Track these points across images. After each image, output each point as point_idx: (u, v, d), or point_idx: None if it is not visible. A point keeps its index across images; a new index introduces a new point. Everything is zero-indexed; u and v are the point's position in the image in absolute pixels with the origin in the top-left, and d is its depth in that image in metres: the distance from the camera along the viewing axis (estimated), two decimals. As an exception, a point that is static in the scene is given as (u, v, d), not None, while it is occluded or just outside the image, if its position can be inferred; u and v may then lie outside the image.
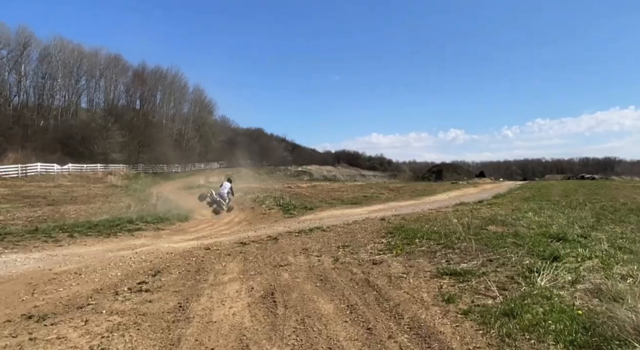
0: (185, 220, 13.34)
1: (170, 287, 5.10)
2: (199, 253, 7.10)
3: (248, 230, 10.59)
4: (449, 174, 60.74)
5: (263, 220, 13.30)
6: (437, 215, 12.21)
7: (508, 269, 5.54)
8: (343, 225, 10.35)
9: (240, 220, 13.87)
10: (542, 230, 8.23)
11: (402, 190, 28.36)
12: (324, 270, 5.93)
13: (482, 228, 8.94)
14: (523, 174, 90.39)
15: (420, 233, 8.60)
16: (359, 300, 4.52)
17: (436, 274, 5.51)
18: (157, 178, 45.12)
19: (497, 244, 7.05)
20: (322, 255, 6.94)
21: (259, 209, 15.92)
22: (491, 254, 6.45)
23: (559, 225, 9.08)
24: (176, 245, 8.12)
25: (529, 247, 6.72)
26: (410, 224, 10.26)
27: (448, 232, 8.58)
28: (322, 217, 12.97)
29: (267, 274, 5.75)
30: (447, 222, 10.42)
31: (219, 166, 65.84)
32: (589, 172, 68.98)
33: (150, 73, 64.62)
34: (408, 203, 18.33)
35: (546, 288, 4.49)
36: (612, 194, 21.43)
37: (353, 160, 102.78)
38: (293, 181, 49.51)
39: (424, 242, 7.74)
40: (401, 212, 13.94)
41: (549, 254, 6.00)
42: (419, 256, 6.71)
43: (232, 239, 8.86)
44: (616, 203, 16.19)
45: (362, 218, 12.22)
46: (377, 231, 9.23)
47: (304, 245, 7.71)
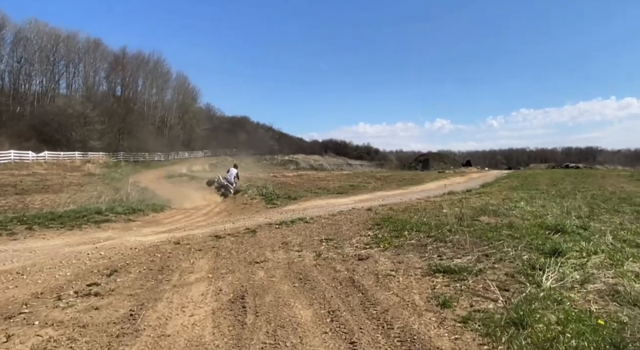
0: (161, 210, 12.57)
1: (125, 289, 4.42)
2: (166, 248, 6.40)
3: (226, 221, 9.91)
4: (435, 163, 60.69)
5: (244, 210, 12.62)
6: (426, 205, 11.70)
7: (507, 266, 5.01)
8: (327, 216, 9.75)
9: (220, 210, 13.17)
10: (538, 221, 7.76)
11: (389, 179, 27.90)
12: (304, 268, 5.32)
13: (474, 219, 8.43)
14: (508, 163, 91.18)
15: (409, 224, 8.05)
16: (342, 304, 3.92)
17: (428, 272, 4.95)
18: (138, 166, 43.84)
19: (492, 237, 6.53)
20: (303, 249, 6.33)
21: (241, 198, 15.21)
22: (486, 248, 5.92)
23: (553, 215, 8.64)
24: (144, 239, 7.40)
25: (526, 240, 6.22)
26: (398, 215, 9.72)
27: (439, 223, 8.06)
28: (306, 208, 12.35)
29: (240, 272, 5.11)
30: (437, 213, 9.92)
31: (203, 155, 64.49)
32: (571, 161, 69.76)
33: (131, 58, 62.53)
34: (395, 192, 17.84)
35: (554, 289, 3.96)
36: (599, 183, 21.32)
37: (340, 150, 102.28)
38: (279, 170, 48.73)
39: (414, 235, 7.19)
40: (388, 201, 13.41)
41: (550, 248, 5.50)
42: (408, 250, 6.15)
43: (207, 231, 8.18)
44: (605, 192, 15.97)
45: (347, 208, 11.64)
46: (364, 222, 8.66)
47: (284, 239, 7.08)
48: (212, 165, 50.04)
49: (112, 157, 44.91)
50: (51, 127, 40.89)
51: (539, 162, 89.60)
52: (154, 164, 48.64)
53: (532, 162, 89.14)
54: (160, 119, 64.41)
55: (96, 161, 38.96)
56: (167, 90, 68.45)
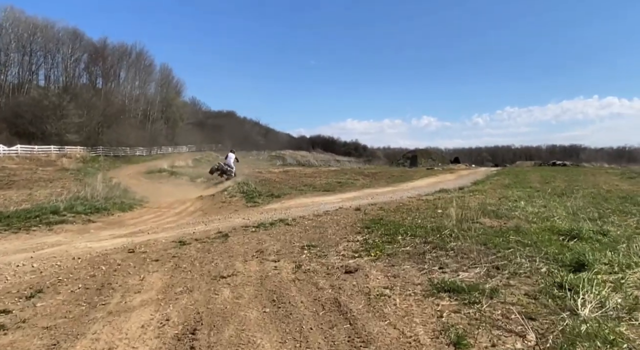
0: (130, 209, 11.45)
1: (43, 319, 3.40)
2: (116, 258, 5.37)
3: (198, 222, 8.88)
4: (423, 160, 60.27)
5: (221, 209, 11.58)
6: (418, 205, 10.84)
7: (524, 282, 4.14)
8: (312, 217, 8.79)
9: (195, 209, 12.11)
10: (546, 224, 6.93)
11: (377, 176, 27.05)
12: (280, 284, 4.36)
13: (474, 221, 7.58)
14: (493, 160, 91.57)
15: (403, 227, 7.15)
16: (323, 342, 2.98)
17: (430, 290, 4.05)
18: (118, 161, 42.23)
19: (499, 243, 5.67)
20: (281, 259, 5.36)
21: (220, 196, 14.15)
22: (495, 257, 5.05)
23: (560, 217, 7.84)
24: (96, 245, 6.34)
25: (538, 247, 5.38)
26: (389, 216, 8.83)
27: (436, 226, 7.18)
28: (289, 207, 11.37)
29: (199, 291, 4.13)
30: (432, 213, 9.06)
31: (187, 150, 62.79)
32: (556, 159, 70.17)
33: (112, 49, 60.32)
34: (385, 190, 16.97)
35: (596, 320, 3.08)
36: (592, 181, 20.80)
37: (328, 146, 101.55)
38: (265, 166, 47.51)
39: (409, 240, 6.29)
40: (378, 200, 12.53)
41: (572, 260, 4.65)
42: (403, 260, 5.25)
43: (172, 235, 7.15)
44: (600, 190, 15.36)
45: (334, 208, 10.71)
46: (352, 225, 7.73)
47: (260, 245, 6.10)
48: (196, 161, 48.65)
49: (90, 152, 43.11)
50: (25, 119, 38.92)
51: (524, 159, 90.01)
52: (135, 159, 46.96)
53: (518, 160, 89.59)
54: (143, 112, 62.39)
55: (73, 156, 37.23)
56: (150, 83, 66.35)
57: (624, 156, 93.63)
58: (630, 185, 17.79)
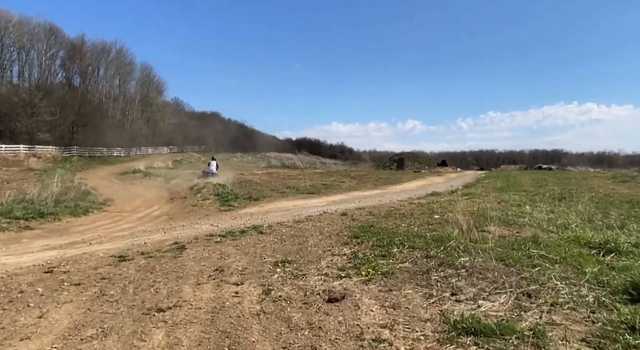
0: (85, 214, 10.04)
1: None
2: (23, 281, 4.04)
3: (157, 230, 7.57)
4: (410, 163, 59.55)
5: (190, 214, 10.26)
6: (412, 209, 9.73)
7: (573, 318, 3.02)
8: (291, 224, 7.58)
9: (160, 213, 10.75)
10: (567, 234, 5.85)
11: (364, 178, 25.97)
12: (238, 321, 3.13)
13: (481, 229, 6.46)
14: (478, 164, 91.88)
15: (398, 237, 6.00)
16: None
17: (446, 332, 2.88)
18: (93, 162, 40.27)
19: (519, 259, 4.55)
20: (245, 280, 4.13)
21: (192, 198, 12.81)
22: (520, 279, 3.93)
23: (576, 224, 6.80)
24: (11, 261, 5.00)
25: (571, 265, 4.28)
26: (381, 222, 7.67)
27: (437, 235, 6.05)
28: (267, 211, 10.14)
29: (119, 334, 2.87)
30: (428, 219, 7.95)
31: (168, 151, 60.81)
32: (538, 163, 70.53)
33: (90, 47, 58.04)
34: (373, 193, 15.87)
35: None
36: (585, 184, 20.11)
37: (314, 148, 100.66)
38: (248, 168, 46.01)
39: (407, 253, 5.14)
40: (366, 204, 11.39)
41: (623, 284, 3.55)
42: (403, 281, 4.08)
43: (117, 247, 5.83)
44: (598, 194, 14.55)
45: (318, 212, 9.52)
46: (337, 233, 6.54)
47: (222, 261, 4.85)
48: (176, 162, 46.97)
49: (64, 152, 40.96)
50: (-8, 117, 36.71)
51: (508, 163, 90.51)
52: (112, 160, 44.96)
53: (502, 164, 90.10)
54: (122, 112, 60.05)
55: (43, 155, 35.18)
56: (130, 82, 64.10)
57: (604, 161, 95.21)
58: (628, 189, 17.07)
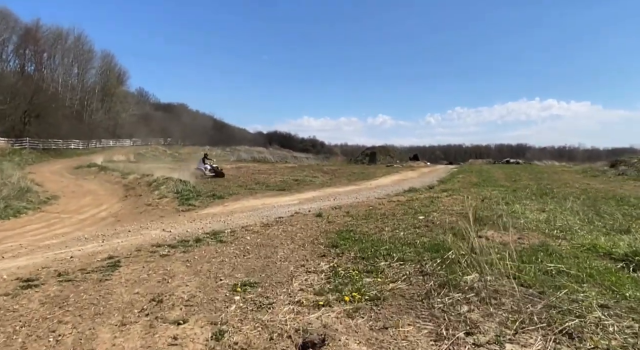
0: (15, 215, 8.58)
1: None
2: None
3: (96, 237, 6.32)
4: (382, 157, 59.33)
5: (142, 215, 8.98)
6: (392, 208, 8.86)
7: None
8: (259, 228, 6.52)
9: (108, 214, 9.40)
10: (578, 240, 5.10)
11: (337, 173, 25.08)
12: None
13: (476, 235, 5.63)
14: (447, 158, 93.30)
15: (384, 246, 5.07)
16: None
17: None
18: (47, 155, 37.44)
19: (537, 276, 3.73)
20: (190, 316, 3.06)
21: (148, 196, 11.46)
22: (548, 308, 3.06)
23: (578, 226, 6.11)
24: None
25: (600, 284, 3.48)
26: (361, 225, 6.73)
27: (428, 242, 5.17)
28: (232, 211, 9.01)
29: None
30: (413, 220, 7.08)
31: (131, 143, 57.75)
32: (503, 157, 72.23)
33: (46, 32, 54.16)
34: (348, 189, 14.97)
35: None
36: (558, 179, 20.03)
37: (285, 142, 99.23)
38: (217, 162, 44.17)
39: (397, 268, 4.22)
40: (342, 202, 10.45)
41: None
42: (399, 312, 3.15)
43: (31, 264, 4.59)
44: (575, 189, 14.31)
45: (289, 212, 8.50)
46: (313, 241, 5.54)
47: (163, 285, 3.74)
48: (139, 155, 44.61)
49: (14, 144, 37.83)
50: None
51: (474, 157, 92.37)
52: (69, 153, 42.05)
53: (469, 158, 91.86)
54: (80, 102, 56.48)
55: (-12, 148, 32.24)
56: (89, 70, 60.32)
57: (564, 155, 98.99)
58: (602, 184, 17.00)
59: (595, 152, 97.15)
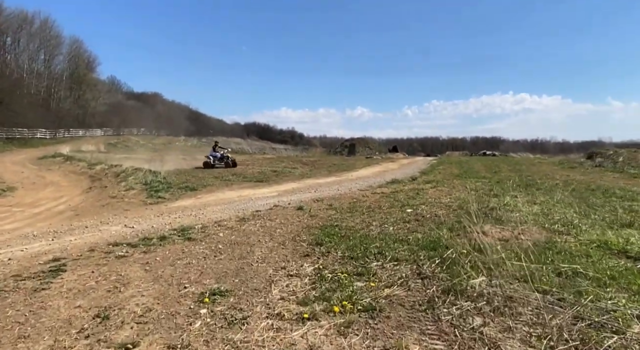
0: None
1: None
2: None
3: (46, 234, 5.54)
4: (361, 149, 59.14)
5: (105, 208, 8.16)
6: (377, 201, 8.36)
7: None
8: (233, 224, 5.88)
9: (66, 207, 8.53)
10: (585, 236, 4.69)
11: (317, 164, 24.49)
12: None
13: (471, 230, 5.18)
14: (424, 150, 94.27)
15: (374, 243, 4.55)
16: None
17: None
18: (10, 145, 35.36)
19: (552, 280, 3.26)
20: (142, 338, 2.44)
21: (114, 188, 10.58)
22: (576, 319, 2.59)
23: (577, 219, 5.74)
24: None
25: (625, 288, 3.04)
26: (346, 219, 6.19)
27: (424, 239, 4.67)
28: (205, 204, 8.32)
29: None
30: (400, 214, 6.59)
31: (102, 133, 55.48)
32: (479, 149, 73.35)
33: (8, 16, 50.94)
34: (328, 180, 14.41)
35: None
36: (537, 171, 20.00)
37: (263, 133, 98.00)
38: (192, 153, 42.87)
39: (391, 269, 3.71)
40: (323, 193, 9.89)
41: None
42: (400, 327, 2.63)
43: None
44: (559, 182, 14.17)
45: (268, 205, 7.87)
46: (294, 238, 4.96)
47: (113, 296, 3.09)
48: (110, 145, 42.80)
49: (-27, 133, 35.52)
50: None
51: (451, 149, 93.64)
52: (34, 142, 39.82)
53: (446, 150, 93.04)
54: (47, 89, 53.64)
55: (-57, 136, 30.05)
56: (57, 56, 57.26)
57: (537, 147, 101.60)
58: (582, 175, 17.02)
59: (566, 144, 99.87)
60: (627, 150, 23.54)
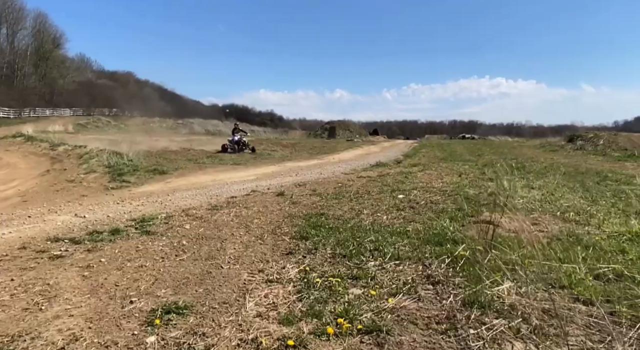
0: None
1: None
2: None
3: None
4: (341, 132, 58.45)
5: (60, 193, 7.19)
6: (364, 185, 7.69)
7: None
8: (203, 213, 5.09)
9: (14, 193, 7.50)
10: (612, 227, 4.13)
11: (297, 147, 23.64)
12: None
13: (479, 219, 4.56)
14: (403, 134, 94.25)
15: (369, 236, 3.87)
16: None
17: None
18: (-33, 124, 33.01)
19: (587, 288, 2.64)
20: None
21: (73, 171, 9.55)
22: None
23: (587, 205, 5.22)
24: None
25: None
26: (333, 206, 5.49)
27: (425, 230, 4.03)
28: (174, 189, 7.47)
29: None
30: (393, 201, 5.94)
31: (72, 114, 52.67)
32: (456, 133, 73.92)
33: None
34: (310, 163, 13.66)
35: None
36: (521, 154, 19.77)
37: (242, 115, 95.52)
38: (167, 135, 41.09)
39: (392, 270, 3.05)
40: (306, 177, 9.16)
41: None
42: (417, 355, 1.93)
43: None
44: (545, 165, 13.85)
45: (245, 190, 7.10)
46: (274, 230, 4.22)
47: (30, 316, 2.30)
48: (79, 126, 40.60)
49: None
50: None
51: (430, 133, 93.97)
52: (-4, 122, 37.39)
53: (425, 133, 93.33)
54: (9, 65, 50.28)
55: None
56: (20, 31, 53.57)
57: (513, 131, 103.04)
58: (565, 158, 16.83)
59: (541, 128, 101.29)
60: (608, 134, 23.59)
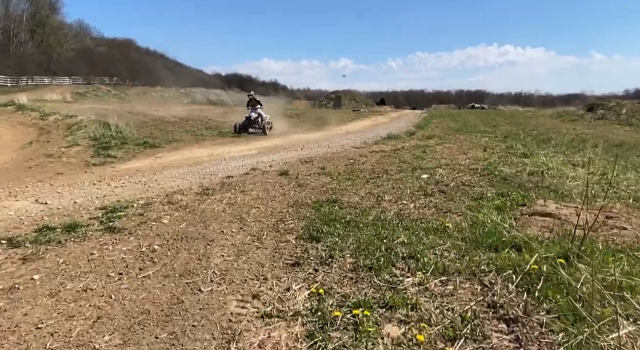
0: None
1: None
2: None
3: None
4: (347, 101, 56.96)
5: (33, 170, 6.31)
6: (379, 161, 6.75)
7: None
8: (190, 199, 4.20)
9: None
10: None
11: (302, 117, 22.49)
12: None
13: (532, 211, 3.63)
14: (409, 104, 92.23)
15: (398, 235, 2.94)
16: None
17: None
18: (-40, 93, 31.96)
19: None
20: None
21: (55, 143, 8.64)
22: None
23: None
24: None
25: None
26: (346, 189, 4.56)
27: (468, 226, 3.11)
28: (164, 166, 6.57)
29: None
30: (416, 182, 5.00)
31: (71, 82, 51.24)
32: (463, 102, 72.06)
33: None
34: (316, 136, 12.63)
35: None
36: (540, 124, 18.56)
37: (245, 85, 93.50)
38: (167, 104, 39.82)
39: (440, 295, 2.12)
40: (312, 152, 8.20)
41: None
42: None
43: None
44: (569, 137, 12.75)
45: (244, 168, 6.20)
46: (276, 224, 3.32)
47: None
48: (78, 95, 39.42)
49: None
50: None
51: (437, 103, 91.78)
52: (-9, 90, 36.27)
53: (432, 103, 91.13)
54: (4, 31, 48.51)
55: None
56: (15, -5, 51.38)
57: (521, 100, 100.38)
58: (589, 128, 15.68)
59: (550, 97, 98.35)
60: (631, 102, 22.21)
